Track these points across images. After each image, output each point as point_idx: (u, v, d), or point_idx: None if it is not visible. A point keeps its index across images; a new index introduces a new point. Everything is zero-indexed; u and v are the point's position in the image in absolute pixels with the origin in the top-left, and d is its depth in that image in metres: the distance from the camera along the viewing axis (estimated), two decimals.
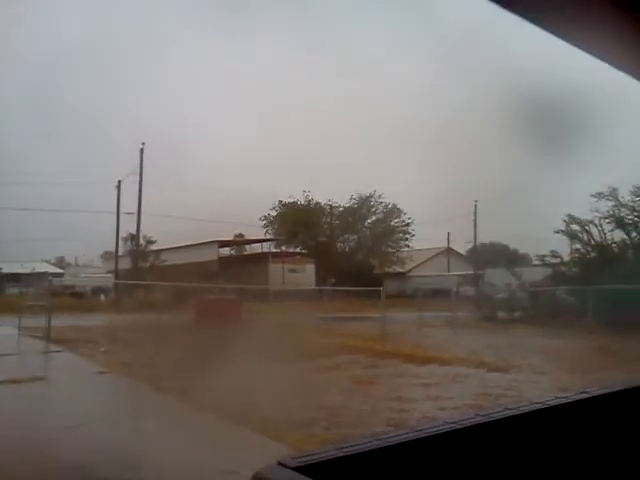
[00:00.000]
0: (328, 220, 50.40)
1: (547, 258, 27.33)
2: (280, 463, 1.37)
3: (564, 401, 1.97)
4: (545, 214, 28.21)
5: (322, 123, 51.97)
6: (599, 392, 2.11)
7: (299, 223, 49.33)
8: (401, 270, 47.84)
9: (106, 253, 46.93)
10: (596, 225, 25.79)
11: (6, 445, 6.98)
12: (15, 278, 37.70)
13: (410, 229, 49.06)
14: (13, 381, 11.06)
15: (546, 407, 1.89)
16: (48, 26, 40.19)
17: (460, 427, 1.67)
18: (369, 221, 50.92)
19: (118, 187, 38.71)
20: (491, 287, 30.29)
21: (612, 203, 24.76)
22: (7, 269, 43.01)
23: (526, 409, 1.86)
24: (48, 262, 49.01)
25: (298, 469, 1.34)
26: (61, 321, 18.86)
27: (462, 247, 51.84)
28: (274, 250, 47.61)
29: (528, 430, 1.83)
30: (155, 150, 39.93)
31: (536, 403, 1.92)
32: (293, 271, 43.42)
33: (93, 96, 46.33)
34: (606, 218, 25.10)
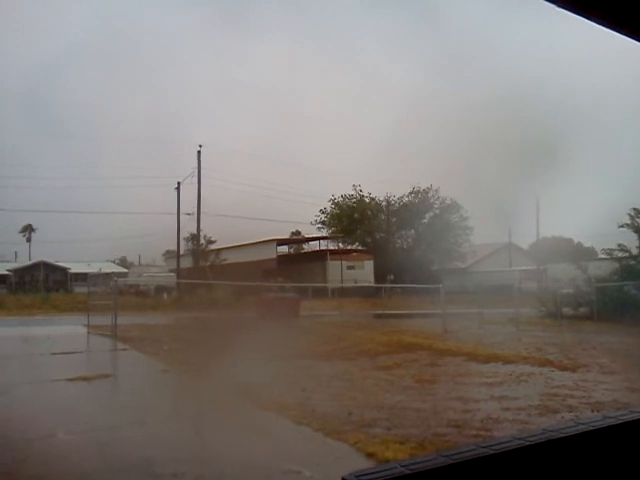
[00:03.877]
0: (385, 216, 50.09)
1: (615, 252, 26.38)
2: None
3: (613, 422, 1.85)
4: (609, 207, 27.17)
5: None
6: None
7: (355, 219, 49.27)
8: (461, 266, 47.10)
9: (167, 252, 48.12)
10: None
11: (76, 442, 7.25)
12: (82, 278, 39.10)
13: (469, 224, 48.30)
14: (83, 378, 11.49)
15: (620, 423, 1.79)
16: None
17: (529, 444, 1.60)
18: (427, 216, 50.38)
19: (178, 188, 39.61)
20: (555, 282, 29.46)
21: None
22: (75, 269, 44.74)
23: (599, 424, 1.76)
24: (113, 262, 50.69)
25: None
26: (126, 319, 19.44)
27: (524, 241, 50.62)
28: (332, 247, 47.69)
29: (602, 447, 1.73)
30: (209, 153, 40.83)
31: (609, 417, 1.82)
32: (351, 268, 43.43)
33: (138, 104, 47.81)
34: None
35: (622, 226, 25.39)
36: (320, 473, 5.75)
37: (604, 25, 1.61)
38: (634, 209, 25.33)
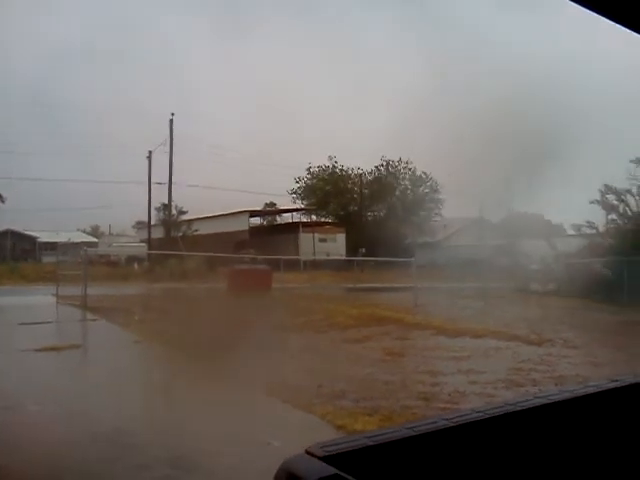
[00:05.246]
0: (357, 189, 50.12)
1: (582, 229, 26.83)
2: (308, 452, 1.36)
3: (595, 390, 1.92)
4: (582, 182, 27.49)
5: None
6: (634, 380, 2.05)
7: (329, 192, 49.24)
8: (432, 240, 47.47)
9: (139, 223, 47.55)
10: (634, 195, 25.21)
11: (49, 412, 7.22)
12: (51, 247, 38.49)
13: (440, 197, 48.62)
14: (53, 348, 11.41)
15: (577, 396, 1.85)
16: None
17: (488, 416, 1.64)
18: (398, 189, 50.55)
19: (149, 157, 38.99)
20: (525, 258, 29.90)
21: None
22: (43, 238, 44.01)
23: (556, 398, 1.81)
24: (83, 231, 49.97)
25: (326, 458, 1.33)
26: (97, 290, 19.23)
27: (494, 216, 51.02)
28: (304, 220, 47.65)
29: (558, 419, 1.78)
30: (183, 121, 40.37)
31: (566, 391, 1.88)
32: (324, 241, 43.45)
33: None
34: None
35: (592, 202, 25.78)
36: (288, 444, 5.81)
37: (609, 18, 1.60)
38: (605, 185, 25.70)
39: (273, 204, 51.40)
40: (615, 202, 25.90)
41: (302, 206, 49.41)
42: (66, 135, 47.81)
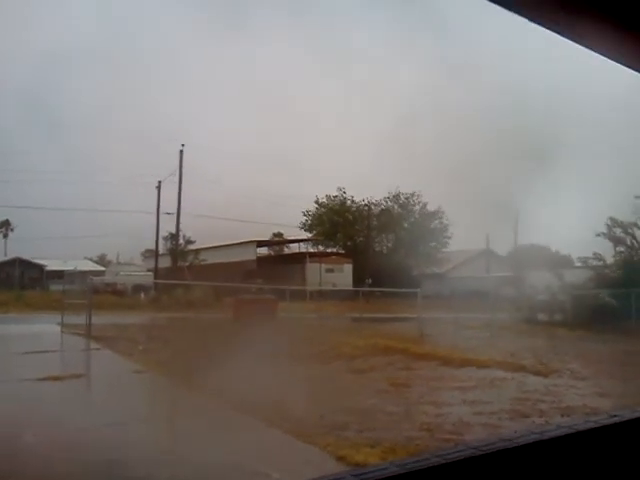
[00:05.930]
0: (366, 222, 50.23)
1: (589, 261, 26.78)
2: None
3: (593, 425, 1.86)
4: (587, 216, 27.53)
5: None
6: (633, 416, 2.00)
7: (336, 222, 49.36)
8: (439, 271, 47.34)
9: (147, 251, 47.69)
10: None
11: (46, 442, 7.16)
12: (58, 275, 38.55)
13: (449, 230, 48.65)
14: (54, 378, 11.34)
15: (574, 432, 1.79)
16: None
17: (482, 453, 1.59)
18: (407, 222, 50.59)
19: (158, 187, 39.25)
20: (531, 289, 29.74)
21: None
22: (51, 266, 44.11)
23: (552, 434, 1.76)
24: (90, 260, 50.11)
25: None
26: (102, 319, 19.20)
27: (501, 249, 50.94)
28: (312, 250, 47.68)
29: (554, 457, 1.72)
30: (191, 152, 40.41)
31: (563, 427, 1.83)
32: (330, 271, 43.40)
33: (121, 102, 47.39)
34: None
35: (599, 235, 25.78)
36: (287, 476, 5.72)
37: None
38: (610, 219, 25.73)
39: (280, 234, 51.55)
40: (622, 235, 25.88)
41: (309, 236, 49.53)
42: (69, 159, 47.96)
